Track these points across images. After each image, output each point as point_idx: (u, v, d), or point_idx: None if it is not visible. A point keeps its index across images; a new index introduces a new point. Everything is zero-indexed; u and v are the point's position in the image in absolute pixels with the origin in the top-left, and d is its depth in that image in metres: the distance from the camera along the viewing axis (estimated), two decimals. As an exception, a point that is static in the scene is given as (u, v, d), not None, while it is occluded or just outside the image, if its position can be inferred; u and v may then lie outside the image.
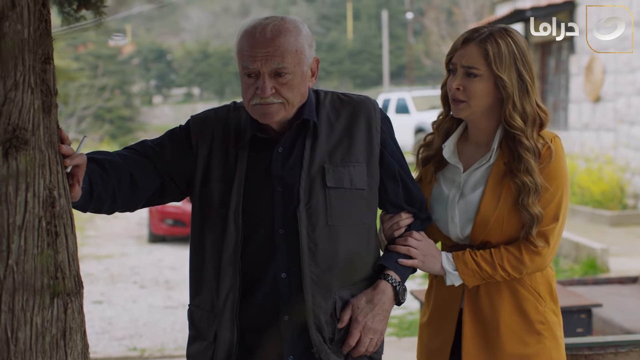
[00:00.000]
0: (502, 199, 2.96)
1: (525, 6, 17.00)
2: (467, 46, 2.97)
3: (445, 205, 3.06)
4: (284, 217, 2.81)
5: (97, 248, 14.85)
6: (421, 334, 3.24)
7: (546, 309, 3.03)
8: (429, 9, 38.90)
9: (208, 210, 2.88)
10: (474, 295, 3.04)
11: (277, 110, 2.79)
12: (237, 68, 2.84)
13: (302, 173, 2.81)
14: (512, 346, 2.99)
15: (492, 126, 3.03)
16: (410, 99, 28.17)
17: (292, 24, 2.80)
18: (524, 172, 2.90)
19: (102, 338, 8.87)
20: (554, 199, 2.95)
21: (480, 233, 3.00)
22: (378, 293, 2.86)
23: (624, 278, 7.60)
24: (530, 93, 2.96)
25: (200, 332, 2.91)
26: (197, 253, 2.94)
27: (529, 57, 2.98)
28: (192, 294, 2.97)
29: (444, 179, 3.11)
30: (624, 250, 11.36)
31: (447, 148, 3.10)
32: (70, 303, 2.31)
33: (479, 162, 3.04)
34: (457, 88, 2.98)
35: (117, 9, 11.33)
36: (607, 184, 14.29)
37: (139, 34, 64.03)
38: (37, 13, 2.24)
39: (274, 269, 2.80)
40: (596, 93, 15.78)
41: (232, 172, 2.85)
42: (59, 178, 2.32)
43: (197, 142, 2.91)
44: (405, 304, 9.46)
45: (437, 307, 3.15)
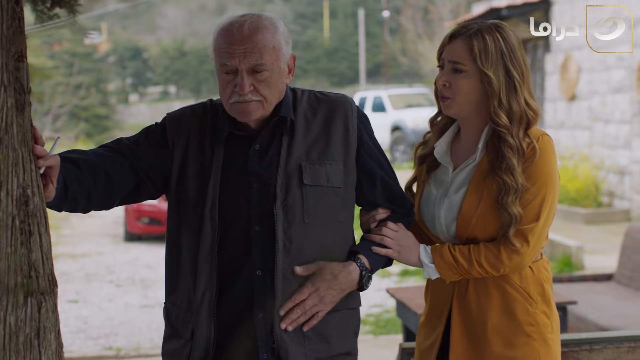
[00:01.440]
0: (484, 198, 2.93)
1: (501, 5, 17.05)
2: (454, 41, 2.95)
3: (432, 206, 3.06)
4: (260, 214, 2.80)
5: (73, 247, 14.78)
6: (418, 334, 3.22)
7: (537, 310, 2.97)
8: (405, 7, 38.99)
9: (184, 207, 2.87)
10: (463, 296, 3.01)
11: (256, 108, 2.78)
12: (214, 66, 2.84)
13: (278, 170, 2.81)
14: (499, 348, 2.95)
15: (481, 124, 3.00)
16: (386, 97, 28.21)
17: (269, 20, 2.80)
18: (506, 170, 2.87)
19: (78, 337, 8.83)
20: (536, 198, 2.90)
21: (464, 232, 2.98)
22: (344, 271, 2.84)
23: (599, 275, 7.65)
24: (518, 91, 2.92)
25: (176, 330, 2.90)
26: (173, 251, 2.92)
27: (519, 54, 2.93)
28: (168, 291, 2.95)
29: (434, 180, 3.10)
30: (598, 247, 11.43)
31: (439, 147, 3.07)
32: (44, 302, 2.30)
33: (466, 162, 3.01)
34: (443, 84, 2.96)
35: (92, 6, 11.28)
36: (582, 182, 14.37)
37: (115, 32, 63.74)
38: (9, 11, 2.23)
39: (249, 266, 2.80)
40: (571, 91, 15.86)
41: (208, 170, 2.84)
42: (33, 176, 2.31)
43: (173, 139, 2.90)
44: (381, 302, 9.49)
45: (432, 307, 3.13)
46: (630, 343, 3.79)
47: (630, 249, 7.22)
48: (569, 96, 15.95)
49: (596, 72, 15.06)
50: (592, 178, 14.43)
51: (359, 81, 43.25)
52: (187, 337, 2.85)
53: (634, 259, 7.15)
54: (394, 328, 8.57)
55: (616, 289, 7.17)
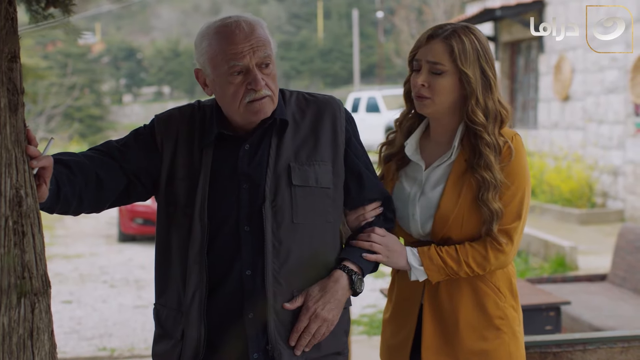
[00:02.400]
0: (462, 196, 2.97)
1: (495, 5, 17.08)
2: (431, 42, 2.99)
3: (407, 203, 3.08)
4: (250, 214, 2.80)
5: (67, 247, 14.77)
6: (384, 330, 3.25)
7: (506, 304, 3.04)
8: (399, 8, 39.04)
9: (173, 208, 2.87)
10: (434, 291, 3.05)
11: (268, 104, 2.80)
12: (210, 73, 2.82)
13: (267, 171, 2.81)
14: (471, 341, 3.00)
15: (455, 123, 3.05)
16: (380, 98, 28.23)
17: (253, 17, 2.83)
18: (484, 167, 2.92)
19: (72, 338, 8.82)
20: (516, 197, 2.97)
21: (440, 230, 3.01)
22: (331, 282, 2.84)
23: (593, 276, 7.66)
24: (492, 89, 2.98)
25: (166, 331, 2.90)
26: (163, 252, 2.92)
27: (491, 54, 3.01)
28: (158, 292, 2.95)
29: (405, 177, 3.13)
30: (592, 248, 11.45)
31: (410, 146, 3.11)
32: (38, 303, 2.29)
33: (440, 159, 3.05)
34: (422, 85, 2.99)
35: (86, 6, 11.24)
36: (576, 183, 14.40)
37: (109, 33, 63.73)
38: (3, 11, 2.22)
39: (239, 266, 2.79)
40: (565, 92, 15.89)
41: (197, 171, 2.84)
42: (26, 177, 2.30)
43: (162, 141, 2.90)
44: (375, 302, 9.50)
45: (399, 303, 3.16)
46: (623, 343, 3.80)
47: (624, 249, 7.23)
48: (563, 97, 15.97)
49: (590, 72, 15.08)
50: (585, 178, 14.46)
51: (353, 82, 43.28)
52: (177, 337, 2.85)
53: (627, 259, 7.16)
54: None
55: (610, 290, 7.18)
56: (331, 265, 2.90)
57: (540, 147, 16.62)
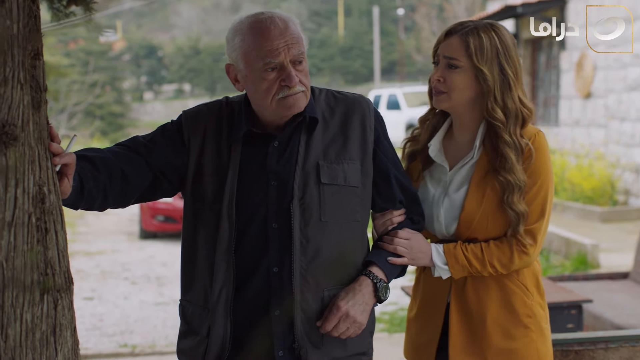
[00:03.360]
0: (486, 197, 2.96)
1: (516, 2, 17.01)
2: (450, 38, 2.99)
3: (431, 205, 3.07)
4: (278, 211, 2.80)
5: (88, 244, 14.83)
6: (409, 329, 3.24)
7: (533, 302, 3.03)
8: (420, 5, 38.96)
9: (201, 204, 2.87)
10: (461, 289, 3.04)
11: (302, 99, 2.80)
12: (233, 72, 2.83)
13: (296, 168, 2.81)
14: (499, 340, 3.00)
15: (476, 121, 3.04)
16: (401, 95, 28.18)
17: (286, 14, 2.84)
18: (507, 170, 2.91)
19: (93, 334, 8.86)
20: (539, 196, 2.95)
21: (465, 231, 3.01)
22: (358, 285, 2.84)
23: (615, 274, 7.61)
24: (512, 88, 2.96)
25: (192, 327, 2.91)
26: (190, 248, 2.92)
27: (513, 52, 2.98)
28: (184, 289, 2.96)
29: (430, 178, 3.12)
30: (614, 246, 11.38)
31: (433, 146, 3.10)
32: (60, 299, 2.30)
33: (463, 160, 3.04)
34: (438, 79, 3.00)
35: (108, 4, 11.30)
36: (598, 180, 14.32)
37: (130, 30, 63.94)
38: (26, 9, 2.23)
39: (266, 263, 2.80)
40: (587, 89, 15.81)
41: (225, 167, 2.84)
42: (49, 174, 2.31)
43: (189, 137, 2.90)
44: (396, 300, 9.48)
45: (425, 302, 3.15)
46: (646, 342, 3.78)
47: (646, 247, 7.18)
48: (585, 94, 15.89)
49: (612, 69, 14.99)
50: (607, 176, 14.38)
51: (373, 79, 43.22)
52: (203, 334, 2.85)
53: (650, 257, 7.12)
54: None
55: (632, 288, 7.14)
56: (359, 264, 2.90)
57: (561, 144, 16.54)
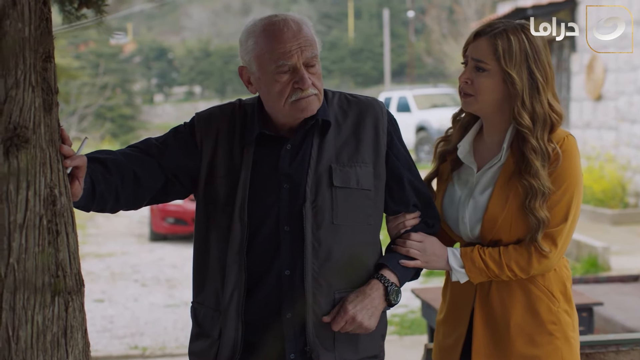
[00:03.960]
0: (510, 200, 2.93)
1: (527, 4, 16.98)
2: (478, 39, 2.95)
3: (457, 206, 3.05)
4: (290, 214, 2.80)
5: (99, 246, 14.85)
6: (437, 332, 3.23)
7: (559, 309, 2.99)
8: (430, 7, 38.92)
9: (213, 207, 2.87)
10: (486, 294, 3.02)
11: (316, 102, 2.80)
12: (246, 74, 2.83)
13: (309, 171, 2.81)
14: (522, 346, 2.96)
15: (505, 122, 3.00)
16: (411, 98, 28.16)
17: (300, 16, 2.83)
18: (532, 174, 2.87)
19: (104, 336, 8.87)
20: (563, 199, 2.90)
21: (488, 233, 2.98)
22: (368, 289, 2.83)
23: (625, 276, 7.59)
24: (541, 93, 2.91)
25: (204, 330, 2.91)
26: (202, 250, 2.93)
27: (543, 55, 2.93)
28: (196, 291, 2.96)
29: (458, 179, 3.10)
30: (625, 248, 11.36)
31: (462, 148, 3.08)
32: (71, 301, 2.31)
33: (491, 162, 3.01)
34: (465, 81, 2.97)
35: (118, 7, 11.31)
36: (609, 183, 14.29)
37: (140, 33, 64.03)
38: (37, 11, 2.24)
39: (278, 266, 2.80)
40: (597, 91, 15.77)
41: (237, 169, 2.84)
42: (60, 176, 2.32)
43: (201, 139, 2.90)
44: (407, 302, 9.47)
45: (452, 306, 3.14)
46: (657, 345, 3.77)
47: (658, 250, 7.17)
48: (595, 96, 15.86)
49: (622, 72, 14.96)
50: (618, 178, 14.34)
51: (383, 81, 43.17)
52: (214, 336, 2.85)
53: (661, 260, 7.11)
54: (419, 328, 8.55)
55: (643, 291, 7.12)
56: (371, 267, 2.90)
57: (572, 146, 16.48)
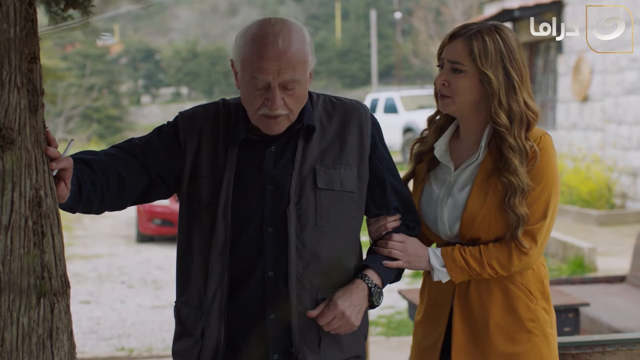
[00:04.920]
0: (489, 197, 2.96)
1: (514, 6, 17.03)
2: (453, 41, 2.98)
3: (435, 205, 3.07)
4: (274, 215, 2.80)
5: (85, 248, 14.82)
6: (415, 332, 3.24)
7: (537, 307, 3.02)
8: (417, 9, 38.97)
9: (196, 206, 2.86)
10: (465, 294, 3.04)
11: (283, 122, 2.77)
12: (237, 69, 2.80)
13: (293, 173, 2.81)
14: (502, 344, 2.99)
15: (482, 123, 3.02)
16: (398, 99, 28.19)
17: (298, 31, 2.75)
18: (511, 172, 2.90)
19: (90, 338, 8.85)
20: (541, 197, 2.94)
21: (468, 231, 3.00)
22: (354, 287, 2.83)
23: (612, 277, 7.62)
24: (517, 91, 2.94)
25: (186, 329, 2.91)
26: (185, 250, 2.92)
27: (518, 55, 2.97)
28: (179, 290, 2.96)
29: (435, 179, 3.11)
30: (611, 249, 11.40)
31: (439, 147, 3.10)
32: (57, 303, 2.30)
33: (469, 161, 3.03)
34: (442, 83, 2.99)
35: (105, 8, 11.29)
36: (595, 184, 14.34)
37: (127, 34, 63.91)
38: (23, 12, 2.23)
39: (261, 267, 2.79)
40: (584, 93, 15.82)
41: (221, 169, 2.83)
42: (46, 178, 2.31)
43: (185, 138, 2.89)
44: (393, 303, 9.48)
45: (430, 305, 3.15)
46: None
47: (643, 250, 7.19)
48: (582, 97, 15.91)
49: (609, 73, 15.01)
50: (604, 180, 14.39)
51: (370, 82, 43.26)
52: (197, 336, 2.85)
53: (647, 260, 7.13)
54: (406, 329, 8.56)
55: (629, 291, 7.14)
56: (353, 269, 2.90)
57: (558, 148, 16.54)
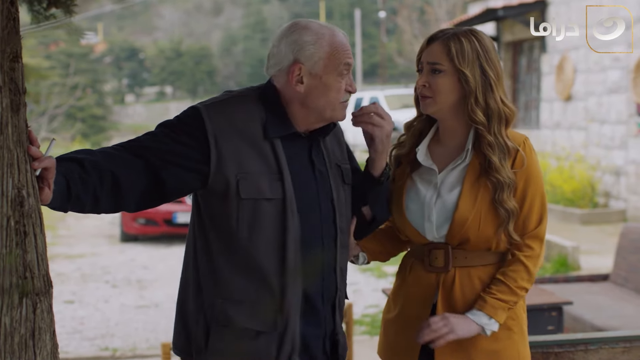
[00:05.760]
0: (479, 198, 3.02)
1: (497, 5, 17.08)
2: (431, 45, 3.08)
3: (422, 205, 3.10)
4: (326, 208, 2.90)
5: (69, 247, 14.78)
6: (386, 331, 3.26)
7: (517, 305, 3.08)
8: (402, 8, 38.99)
9: (254, 203, 2.78)
10: (449, 291, 3.08)
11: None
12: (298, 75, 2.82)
13: (328, 169, 2.93)
14: (484, 342, 3.04)
15: (460, 126, 3.10)
16: (383, 98, 28.22)
17: None
18: (496, 169, 2.98)
19: (74, 338, 8.83)
20: (536, 200, 3.03)
21: (458, 232, 3.04)
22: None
23: (595, 276, 7.66)
24: (494, 89, 3.03)
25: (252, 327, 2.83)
26: (237, 248, 2.82)
27: (493, 55, 3.06)
28: (239, 290, 2.83)
29: (420, 180, 3.15)
30: (594, 248, 11.45)
31: (421, 151, 3.15)
32: (39, 303, 2.30)
33: (454, 162, 3.09)
34: (423, 85, 3.07)
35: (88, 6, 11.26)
36: (578, 183, 14.39)
37: (111, 33, 63.79)
38: (5, 11, 2.23)
39: (320, 259, 2.89)
40: (567, 92, 15.88)
41: (276, 164, 2.80)
42: (28, 177, 2.31)
43: (214, 134, 2.77)
44: (377, 302, 9.50)
45: (409, 304, 3.17)
46: (625, 343, 3.80)
47: (626, 249, 7.23)
48: (565, 97, 15.97)
49: (592, 72, 15.08)
50: (588, 178, 14.46)
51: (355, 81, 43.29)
52: (274, 333, 2.83)
53: (629, 259, 7.16)
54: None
55: (612, 290, 7.18)
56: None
57: (542, 147, 16.61)
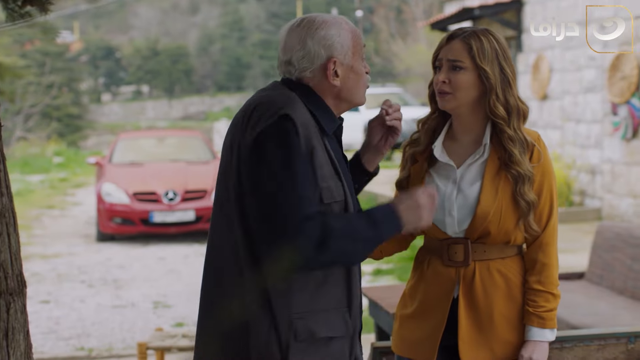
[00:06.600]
0: (500, 192, 3.13)
1: (474, 4, 17.12)
2: (452, 42, 3.18)
3: (442, 200, 3.18)
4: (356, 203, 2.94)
5: (44, 247, 14.69)
6: (401, 326, 3.32)
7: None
8: (378, 7, 39.11)
9: (328, 207, 2.78)
10: (469, 285, 3.17)
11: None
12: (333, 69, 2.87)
13: (346, 162, 3.01)
14: (505, 332, 3.17)
15: (477, 121, 3.20)
16: (360, 97, 28.20)
17: None
18: (516, 163, 3.10)
19: (49, 338, 8.78)
20: (551, 193, 3.18)
21: (479, 225, 3.14)
22: None
23: (570, 274, 7.69)
24: (512, 86, 3.16)
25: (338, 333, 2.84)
26: None
27: (509, 53, 3.19)
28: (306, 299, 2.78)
29: (438, 175, 3.23)
30: (570, 246, 11.50)
31: (437, 148, 3.23)
32: (13, 302, 2.29)
33: (472, 157, 3.19)
34: (444, 81, 3.15)
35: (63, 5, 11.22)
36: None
37: (87, 31, 63.55)
38: (-22, 9, 2.21)
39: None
40: (543, 91, 15.95)
41: (331, 163, 2.84)
42: (1, 176, 2.30)
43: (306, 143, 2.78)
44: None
45: (428, 298, 3.24)
46: (600, 341, 3.82)
47: (601, 248, 7.26)
48: (541, 96, 16.04)
49: (568, 72, 15.15)
50: (563, 177, 14.52)
51: (332, 81, 43.27)
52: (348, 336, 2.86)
53: (604, 257, 7.20)
54: (366, 327, 8.55)
55: (587, 288, 7.22)
56: None
57: (518, 146, 16.66)
